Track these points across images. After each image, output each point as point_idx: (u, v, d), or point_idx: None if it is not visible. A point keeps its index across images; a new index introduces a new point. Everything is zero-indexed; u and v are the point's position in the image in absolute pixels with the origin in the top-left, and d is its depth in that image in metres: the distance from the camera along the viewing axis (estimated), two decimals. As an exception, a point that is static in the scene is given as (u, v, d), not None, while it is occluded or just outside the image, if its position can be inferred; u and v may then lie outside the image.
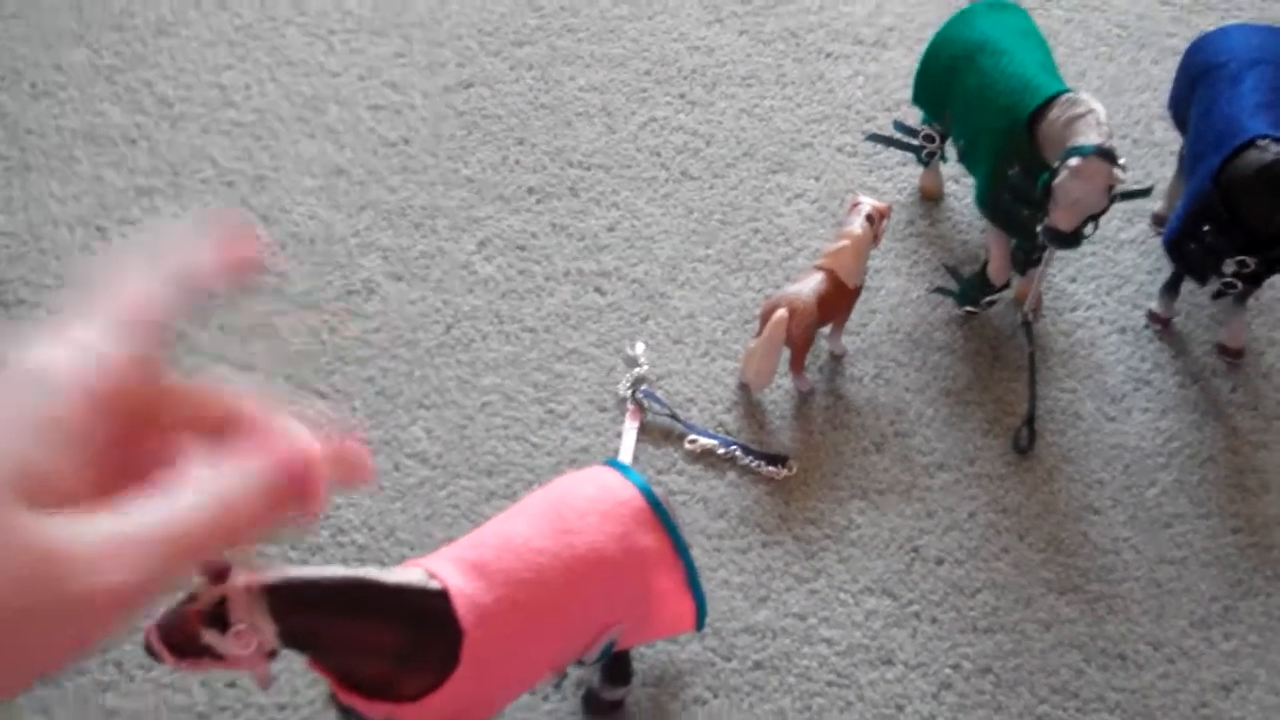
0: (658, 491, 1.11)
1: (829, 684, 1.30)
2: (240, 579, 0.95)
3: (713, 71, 1.80)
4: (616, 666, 1.20)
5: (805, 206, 1.66)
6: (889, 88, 1.79)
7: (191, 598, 0.95)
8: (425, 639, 1.01)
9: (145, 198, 1.61)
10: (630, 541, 1.08)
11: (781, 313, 1.41)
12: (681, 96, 1.77)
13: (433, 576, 1.02)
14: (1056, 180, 1.33)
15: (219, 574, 0.95)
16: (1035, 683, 1.32)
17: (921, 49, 1.57)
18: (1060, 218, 1.35)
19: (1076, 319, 1.58)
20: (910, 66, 1.63)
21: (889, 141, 1.65)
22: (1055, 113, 1.37)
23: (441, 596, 1.01)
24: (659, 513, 1.10)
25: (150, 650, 0.97)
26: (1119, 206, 1.59)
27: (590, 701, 1.25)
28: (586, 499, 1.09)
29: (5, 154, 1.64)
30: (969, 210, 1.66)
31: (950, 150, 1.61)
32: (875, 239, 1.47)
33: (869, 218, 1.46)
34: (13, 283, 1.54)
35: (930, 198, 1.68)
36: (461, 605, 1.01)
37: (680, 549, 1.10)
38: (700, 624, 1.12)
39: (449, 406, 1.45)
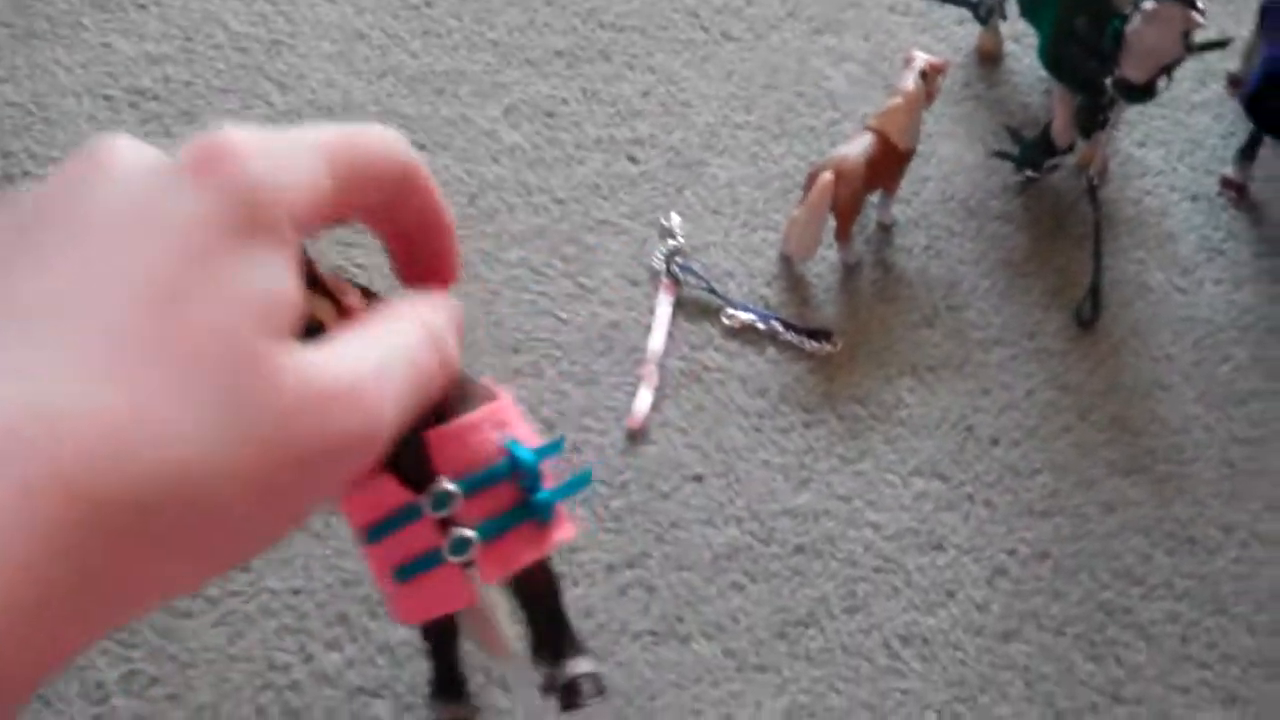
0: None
1: (875, 569, 1.21)
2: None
3: (755, -72, 1.68)
4: (543, 631, 0.96)
5: (853, 69, 1.54)
6: (944, -56, 1.67)
7: None
8: None
9: (155, 65, 1.52)
10: None
11: (827, 176, 1.30)
12: (722, -45, 1.65)
13: None
14: (1130, 26, 1.21)
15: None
16: (1096, 568, 1.22)
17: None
18: (1132, 68, 1.24)
19: (1145, 186, 1.46)
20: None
21: (945, -2, 1.53)
22: None
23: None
24: None
25: None
26: (1191, 65, 1.47)
27: (562, 692, 0.95)
28: None
29: (9, 21, 1.54)
30: (1029, 72, 1.54)
31: (1010, 8, 1.49)
32: (930, 97, 1.36)
33: (923, 73, 1.34)
34: (17, 155, 1.45)
35: (988, 58, 1.55)
36: None
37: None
38: None
39: (473, 281, 1.36)
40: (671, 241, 1.38)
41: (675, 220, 1.39)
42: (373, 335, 0.39)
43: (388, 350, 0.38)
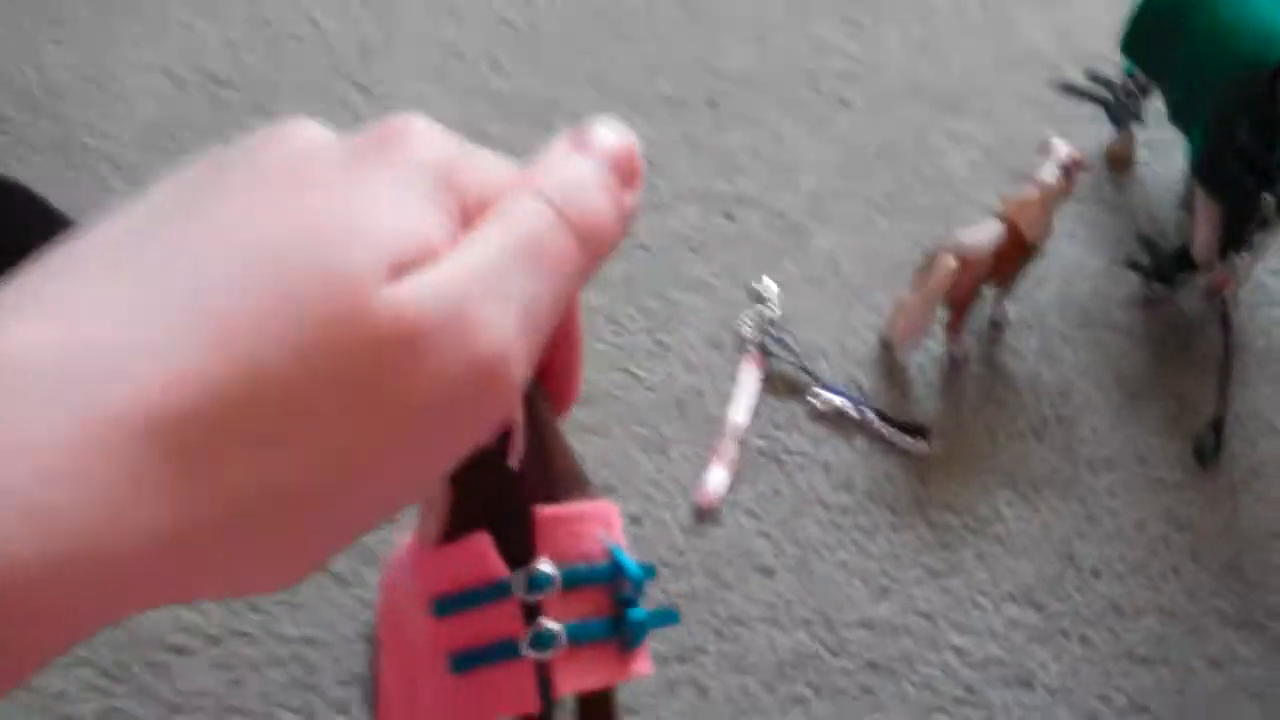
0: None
1: (955, 699, 1.07)
2: None
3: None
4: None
5: (975, 154, 1.42)
6: (1080, 36, 1.55)
7: None
8: None
9: (235, 52, 1.41)
10: None
11: (951, 261, 1.17)
12: (847, 20, 1.53)
13: None
14: None
15: None
16: (1201, 730, 1.08)
17: (1135, 3, 1.33)
18: None
19: (1276, 316, 1.33)
20: (1104, 15, 1.39)
21: (1081, 93, 1.41)
22: None
23: None
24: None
25: None
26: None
27: None
28: None
29: (88, -14, 1.44)
30: (1160, 183, 1.41)
31: (1149, 113, 1.37)
32: (1067, 192, 1.23)
33: (1065, 167, 1.22)
34: (75, 123, 1.33)
35: (1119, 164, 1.43)
36: None
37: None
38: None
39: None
40: (763, 309, 1.25)
41: (769, 286, 1.27)
42: (482, 235, 0.34)
43: (498, 250, 0.33)
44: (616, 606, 0.71)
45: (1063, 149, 1.22)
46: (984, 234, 1.20)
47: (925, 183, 1.39)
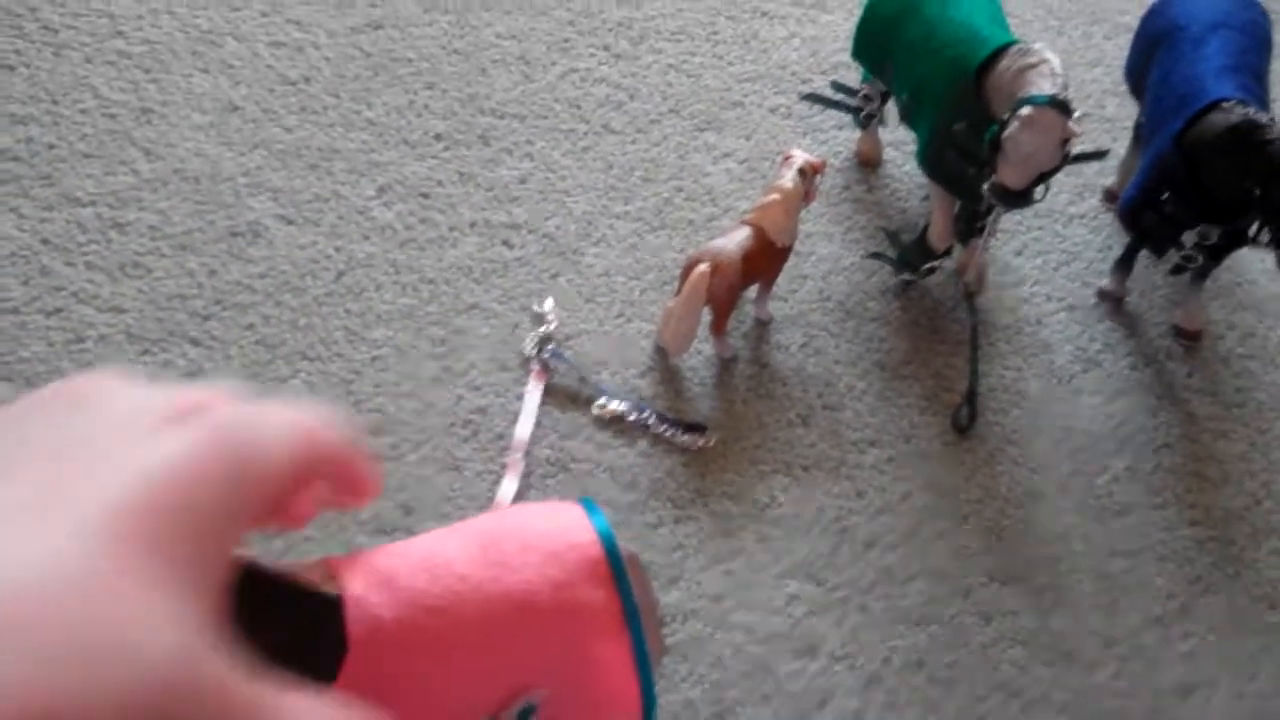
0: (624, 547, 0.79)
1: (744, 674, 1.09)
2: None
3: (640, 25, 1.59)
4: None
5: (733, 166, 1.44)
6: (826, 50, 1.59)
7: None
8: (302, 645, 0.76)
9: (20, 126, 1.38)
10: (570, 594, 0.76)
11: (703, 268, 1.20)
12: (606, 49, 1.56)
13: (332, 578, 0.78)
14: (1007, 132, 1.13)
15: None
16: (975, 679, 1.11)
17: (860, 14, 1.36)
18: (1009, 174, 1.16)
19: (1022, 294, 1.38)
20: (849, 30, 1.43)
21: (826, 102, 1.45)
22: (1005, 63, 1.17)
23: (333, 604, 0.76)
24: (614, 568, 0.75)
25: None
26: (1070, 180, 1.41)
27: None
28: (536, 533, 0.77)
29: None
30: (908, 178, 1.45)
31: (890, 115, 1.41)
32: (808, 196, 1.27)
33: (801, 172, 1.25)
34: None
35: (868, 163, 1.47)
36: (354, 616, 0.76)
37: (630, 617, 0.76)
38: (648, 714, 0.78)
39: (334, 359, 1.23)
40: (543, 328, 1.26)
41: (548, 306, 1.28)
42: None
43: None
44: None
45: (799, 156, 1.26)
46: (733, 240, 1.22)
47: (689, 198, 1.41)
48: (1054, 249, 1.42)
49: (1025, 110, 1.12)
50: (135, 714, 0.33)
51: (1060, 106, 1.12)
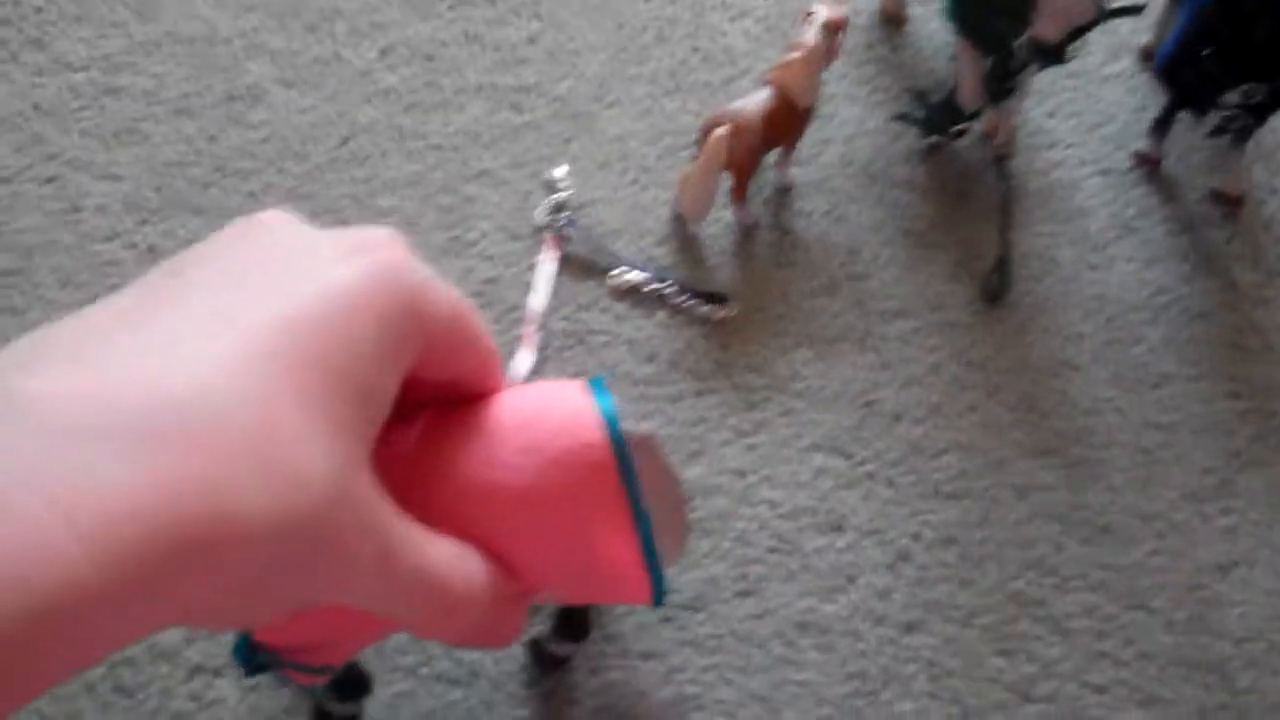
0: (639, 430, 0.73)
1: (770, 550, 1.05)
2: None
3: (653, -122, 1.51)
4: (568, 620, 0.92)
5: (751, 25, 1.38)
6: (849, -95, 1.51)
7: None
8: None
9: (0, -12, 1.31)
10: (574, 499, 0.70)
11: (722, 130, 1.14)
12: (617, -97, 1.48)
13: None
14: None
15: None
16: (1006, 556, 1.07)
17: None
18: (1045, 26, 1.10)
19: (1054, 158, 1.32)
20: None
21: (849, -43, 1.38)
22: None
23: None
24: (621, 465, 0.69)
25: None
26: (1103, 38, 1.35)
27: (535, 653, 0.96)
28: (539, 431, 0.71)
29: None
30: (935, 37, 1.39)
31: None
32: (831, 54, 1.20)
33: (825, 28, 1.19)
34: None
35: (892, 20, 1.40)
36: None
37: (636, 512, 0.71)
38: (658, 601, 0.74)
39: (340, 227, 1.17)
40: (556, 196, 1.21)
41: (561, 173, 1.22)
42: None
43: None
44: None
45: (822, 11, 1.19)
46: (753, 101, 1.16)
47: (705, 59, 1.34)
48: (1087, 110, 1.35)
49: None
50: (287, 531, 0.35)
51: None
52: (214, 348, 0.36)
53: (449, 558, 0.49)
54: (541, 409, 0.66)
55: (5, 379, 0.33)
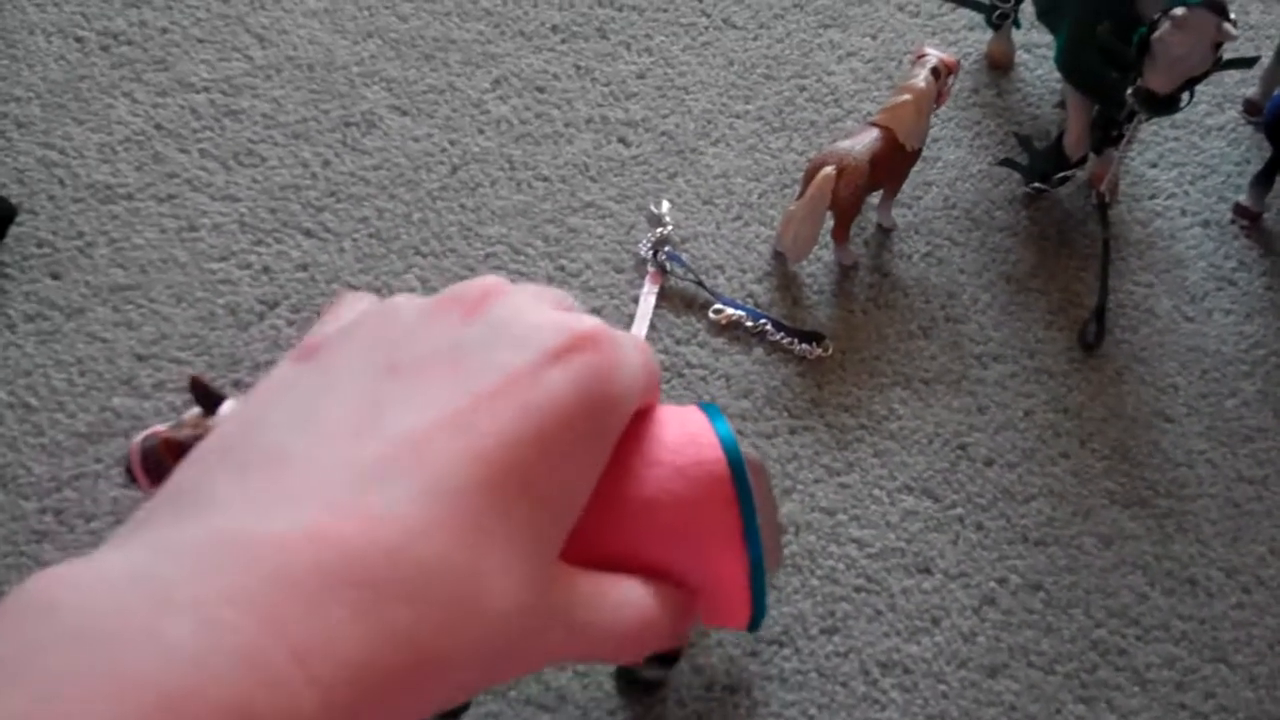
0: (748, 453, 0.77)
1: (857, 589, 1.09)
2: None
3: (766, -84, 1.56)
4: None
5: (859, 66, 1.42)
6: (959, -53, 1.55)
7: (179, 424, 0.90)
8: None
9: (132, 9, 1.38)
10: (692, 511, 0.73)
11: (829, 170, 1.18)
12: (730, -59, 1.53)
13: None
14: (1157, 34, 1.10)
15: (212, 404, 0.90)
16: (1091, 604, 1.10)
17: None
18: (1157, 78, 1.13)
19: (1155, 208, 1.35)
20: (985, -76, 1.39)
21: (959, 0, 1.41)
22: None
23: None
24: (738, 484, 0.72)
25: (129, 471, 0.91)
26: (1209, 89, 1.37)
27: (622, 676, 1.01)
28: (660, 445, 0.75)
29: (-20, -49, 1.41)
30: (1040, 83, 1.42)
31: (1025, 16, 1.38)
32: (940, 97, 1.24)
33: (935, 71, 1.22)
34: (-24, 90, 1.31)
35: (999, 66, 1.43)
36: None
37: (750, 535, 0.73)
38: (755, 625, 0.77)
39: (448, 255, 1.23)
40: (660, 229, 1.25)
41: (665, 207, 1.27)
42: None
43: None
44: None
45: (933, 55, 1.23)
46: (861, 142, 1.20)
47: (812, 98, 1.39)
48: (1190, 161, 1.38)
49: (1178, 10, 1.08)
50: (490, 660, 0.38)
51: (1214, 7, 1.08)
52: (427, 482, 0.37)
53: (623, 598, 0.51)
54: (662, 426, 0.71)
55: (246, 520, 0.35)
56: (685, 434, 0.73)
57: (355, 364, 0.43)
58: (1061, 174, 1.29)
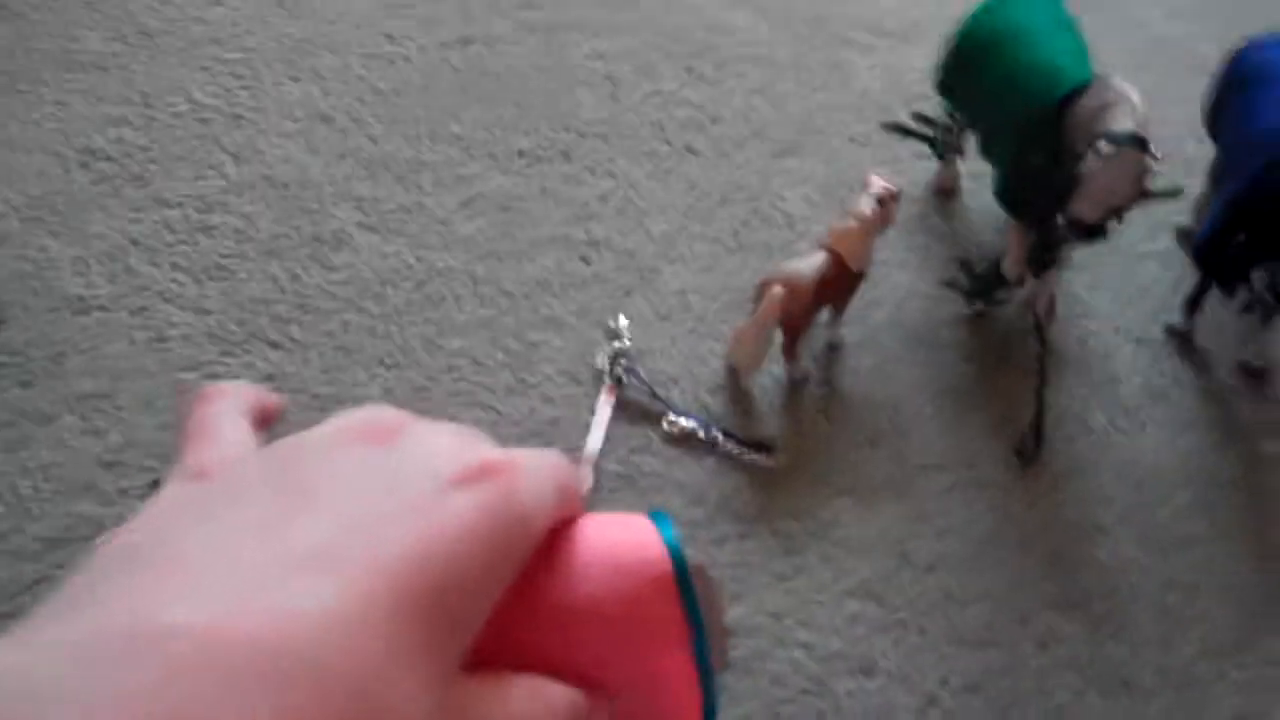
0: (691, 558, 0.84)
1: (803, 691, 1.14)
2: None
3: (726, 50, 1.65)
4: None
5: (811, 192, 1.50)
6: (908, 81, 1.65)
7: None
8: None
9: (113, 127, 1.46)
10: (637, 608, 0.79)
11: (778, 290, 1.25)
12: (690, 71, 1.62)
13: None
14: (1084, 167, 1.18)
15: None
16: (1029, 704, 1.16)
17: (943, 50, 1.43)
18: (1085, 208, 1.21)
19: (1091, 327, 1.43)
20: (931, 60, 1.49)
21: (906, 131, 1.50)
22: (1086, 99, 1.22)
23: None
24: (681, 582, 0.78)
25: None
26: (1143, 217, 1.46)
27: None
28: (604, 544, 0.82)
29: (-32, 72, 1.49)
30: (983, 210, 1.51)
31: (969, 146, 1.47)
32: (885, 221, 1.32)
33: (879, 199, 1.31)
34: (-40, 203, 1.38)
35: (945, 193, 1.52)
36: None
37: (695, 632, 0.79)
38: None
39: (412, 367, 1.30)
40: (617, 343, 1.33)
41: (623, 323, 1.34)
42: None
43: None
44: None
45: (877, 183, 1.31)
46: (809, 264, 1.28)
47: (766, 220, 1.47)
48: (1126, 284, 1.46)
49: (1105, 146, 1.17)
50: None
51: (1139, 143, 1.17)
52: (337, 590, 0.37)
53: (525, 706, 0.49)
54: (604, 528, 0.77)
55: (148, 611, 0.35)
56: (630, 536, 0.79)
57: (258, 481, 0.43)
58: (1001, 294, 1.37)
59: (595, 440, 1.26)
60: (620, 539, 0.79)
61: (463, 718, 0.43)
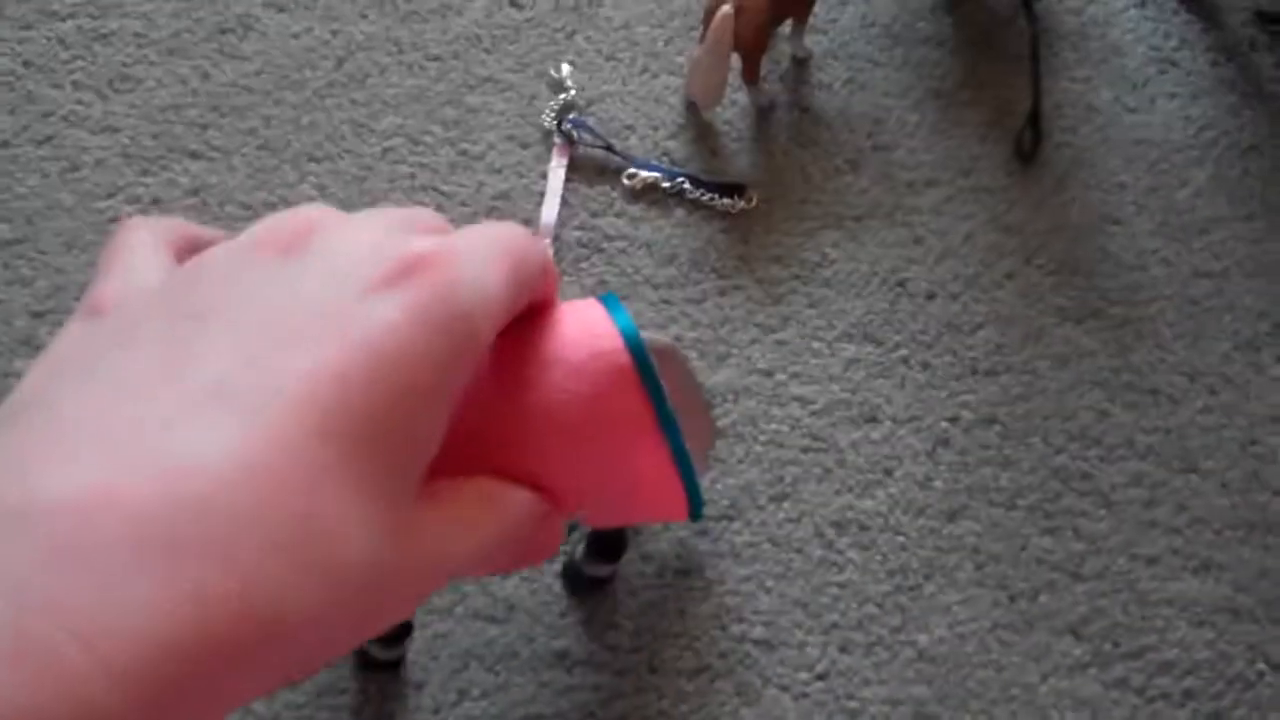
0: (657, 339, 0.74)
1: (804, 449, 1.06)
2: None
3: None
4: (600, 539, 0.95)
5: (758, -113, 1.36)
6: None
7: None
8: None
9: (-16, -61, 1.34)
10: (599, 405, 0.69)
11: (726, 9, 1.13)
12: None
13: None
14: None
15: None
16: (1049, 430, 1.07)
17: None
18: None
19: (1087, -6, 1.29)
20: None
21: None
22: None
23: None
24: (642, 370, 0.68)
25: None
26: None
27: (569, 575, 1.00)
28: (560, 344, 0.71)
29: None
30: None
31: None
32: (837, -88, 1.19)
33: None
34: None
35: None
36: None
37: (664, 420, 0.70)
38: (695, 514, 0.75)
39: (344, 156, 1.20)
40: (563, 96, 1.21)
41: (566, 71, 1.23)
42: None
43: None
44: None
45: None
46: (755, -26, 1.15)
47: (711, -71, 1.33)
48: (1120, -62, 1.32)
49: None
50: (333, 616, 0.35)
51: None
52: (242, 427, 0.34)
53: (477, 514, 0.48)
54: (557, 324, 0.68)
55: (8, 486, 0.31)
56: (582, 329, 0.70)
57: (154, 314, 0.39)
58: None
59: (551, 208, 1.16)
60: (573, 335, 0.69)
61: (418, 537, 0.40)
